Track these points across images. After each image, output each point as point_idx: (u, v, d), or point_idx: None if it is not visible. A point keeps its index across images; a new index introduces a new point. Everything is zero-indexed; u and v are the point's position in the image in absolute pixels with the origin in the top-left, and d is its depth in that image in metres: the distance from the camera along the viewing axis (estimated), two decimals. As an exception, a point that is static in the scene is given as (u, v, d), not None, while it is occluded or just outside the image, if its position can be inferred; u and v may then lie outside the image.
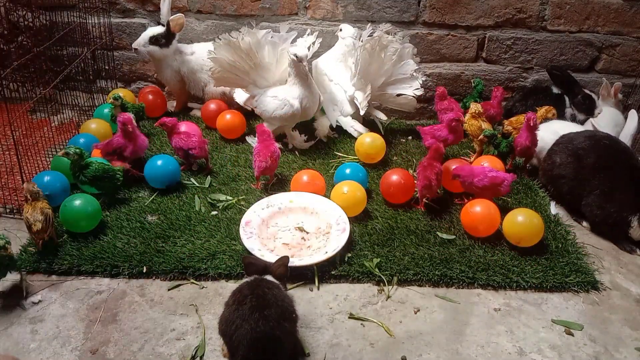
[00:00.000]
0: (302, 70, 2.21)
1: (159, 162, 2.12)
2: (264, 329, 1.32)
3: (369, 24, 2.47)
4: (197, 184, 2.20)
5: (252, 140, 2.46)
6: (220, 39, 2.29)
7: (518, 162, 2.37)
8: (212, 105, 2.63)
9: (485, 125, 2.38)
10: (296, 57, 2.17)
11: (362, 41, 2.37)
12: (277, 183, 2.23)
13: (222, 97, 2.69)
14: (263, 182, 2.19)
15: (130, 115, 2.18)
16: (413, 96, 2.53)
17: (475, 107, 2.40)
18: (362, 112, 2.42)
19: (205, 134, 2.57)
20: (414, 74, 2.51)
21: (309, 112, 2.34)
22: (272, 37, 2.31)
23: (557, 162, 2.13)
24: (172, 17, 2.55)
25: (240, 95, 2.58)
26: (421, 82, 2.53)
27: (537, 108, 2.47)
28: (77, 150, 1.95)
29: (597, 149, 2.04)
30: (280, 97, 2.31)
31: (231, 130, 2.51)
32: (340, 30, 2.58)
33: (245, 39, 2.26)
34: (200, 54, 2.67)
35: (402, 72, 2.51)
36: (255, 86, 2.41)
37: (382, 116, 2.59)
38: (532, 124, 2.21)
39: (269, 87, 2.38)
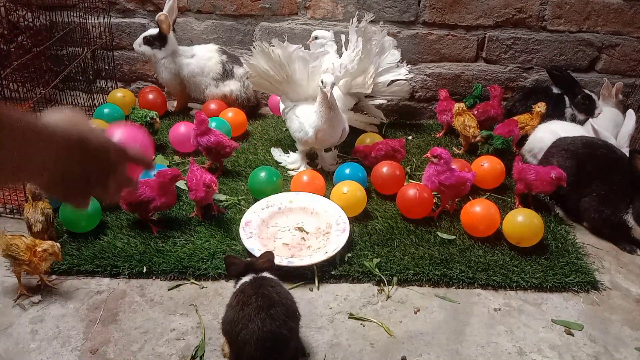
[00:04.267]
0: (328, 100, 2.08)
1: (153, 172, 2.00)
2: (271, 328, 1.31)
3: (356, 14, 2.49)
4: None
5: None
6: (256, 46, 2.25)
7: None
8: (213, 105, 2.63)
9: (469, 121, 2.43)
10: (322, 82, 2.04)
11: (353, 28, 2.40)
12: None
13: (223, 101, 2.69)
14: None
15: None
16: (405, 80, 2.56)
17: (459, 105, 2.48)
18: (368, 91, 2.42)
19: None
20: (399, 63, 2.55)
21: (326, 143, 2.26)
22: (302, 53, 2.23)
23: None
24: (157, 16, 2.55)
25: (281, 105, 2.54)
26: (407, 70, 2.57)
27: (533, 107, 2.50)
28: None
29: (594, 157, 2.05)
30: (301, 120, 2.24)
31: (233, 129, 2.50)
32: (316, 38, 2.54)
33: (276, 51, 2.22)
34: (201, 57, 2.66)
35: (388, 62, 2.53)
36: (287, 98, 2.37)
37: (380, 114, 2.61)
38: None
39: (299, 103, 2.32)
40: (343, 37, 2.57)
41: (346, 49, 2.50)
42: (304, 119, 2.22)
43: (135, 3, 2.78)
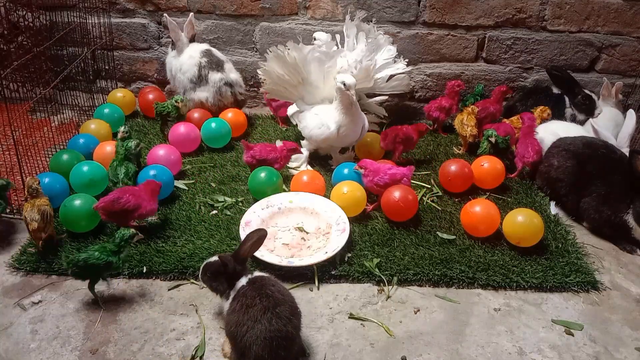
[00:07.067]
0: (348, 99, 2.10)
1: (152, 173, 2.03)
2: (277, 327, 1.32)
3: (349, 12, 2.49)
4: (198, 183, 2.20)
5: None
6: (271, 52, 2.23)
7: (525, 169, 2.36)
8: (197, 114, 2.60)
9: (468, 120, 2.44)
10: (344, 85, 2.06)
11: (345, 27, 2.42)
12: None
13: (200, 106, 2.62)
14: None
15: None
16: (403, 74, 2.53)
17: (472, 108, 2.48)
18: (370, 84, 2.42)
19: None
20: (396, 59, 2.52)
21: (347, 140, 2.26)
22: (317, 53, 2.22)
23: (555, 165, 2.13)
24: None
25: (290, 108, 2.54)
26: (405, 63, 2.52)
27: (532, 110, 2.49)
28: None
29: (595, 157, 2.05)
30: (321, 117, 2.23)
31: (233, 130, 2.49)
32: (315, 39, 2.55)
33: (292, 54, 2.20)
34: (186, 53, 2.64)
35: (385, 58, 2.51)
36: (303, 102, 2.36)
37: (382, 111, 2.61)
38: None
39: (315, 104, 2.32)
40: (338, 37, 2.56)
41: (341, 47, 2.49)
42: (325, 116, 2.21)
43: (135, 3, 2.77)
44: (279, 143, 2.42)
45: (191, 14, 2.64)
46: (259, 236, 1.52)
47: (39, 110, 2.59)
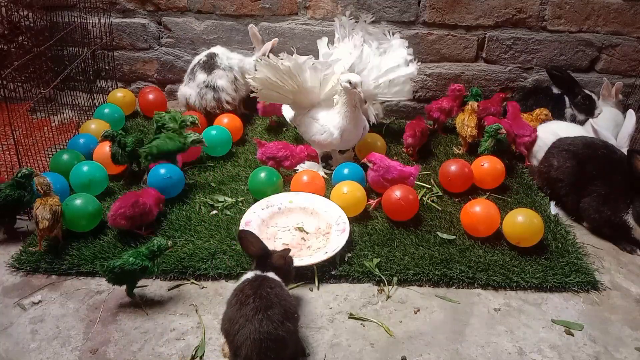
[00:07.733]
0: (354, 99, 2.09)
1: (162, 171, 2.05)
2: (267, 330, 1.32)
3: (339, 10, 2.49)
4: (198, 183, 2.20)
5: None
6: (261, 59, 2.19)
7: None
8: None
9: (469, 120, 2.44)
10: (350, 83, 2.04)
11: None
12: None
13: (185, 104, 2.62)
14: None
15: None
16: (406, 76, 2.40)
17: (472, 104, 2.49)
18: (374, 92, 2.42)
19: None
20: (410, 62, 2.41)
21: (349, 144, 2.27)
22: (313, 63, 2.17)
23: (555, 165, 2.13)
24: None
25: (287, 112, 2.51)
26: (416, 67, 2.41)
27: (532, 112, 2.50)
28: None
29: (594, 157, 2.05)
30: (322, 122, 2.21)
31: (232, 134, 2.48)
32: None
33: (285, 64, 2.14)
34: (206, 50, 2.69)
35: (393, 58, 2.41)
36: (300, 106, 2.32)
37: (380, 112, 2.59)
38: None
39: (312, 108, 2.28)
40: (337, 35, 2.55)
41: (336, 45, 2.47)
42: (326, 121, 2.20)
43: (135, 3, 2.78)
44: None
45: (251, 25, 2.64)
46: (283, 255, 1.54)
47: (39, 110, 2.59)
